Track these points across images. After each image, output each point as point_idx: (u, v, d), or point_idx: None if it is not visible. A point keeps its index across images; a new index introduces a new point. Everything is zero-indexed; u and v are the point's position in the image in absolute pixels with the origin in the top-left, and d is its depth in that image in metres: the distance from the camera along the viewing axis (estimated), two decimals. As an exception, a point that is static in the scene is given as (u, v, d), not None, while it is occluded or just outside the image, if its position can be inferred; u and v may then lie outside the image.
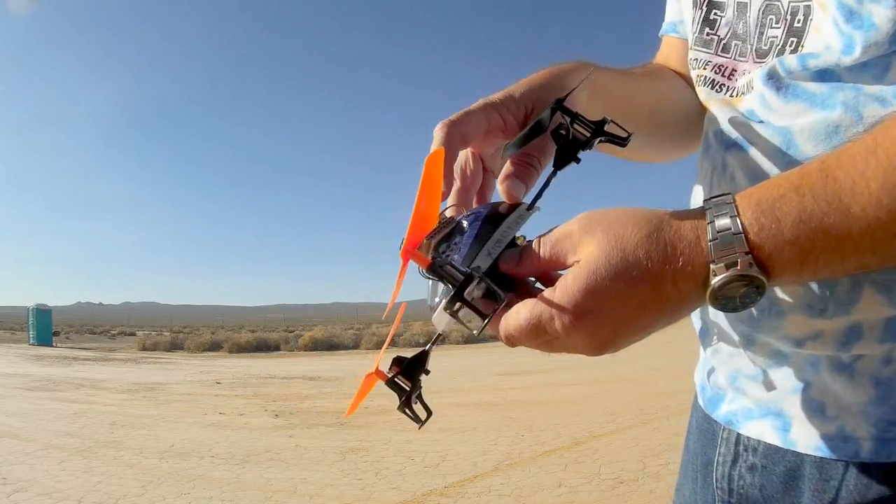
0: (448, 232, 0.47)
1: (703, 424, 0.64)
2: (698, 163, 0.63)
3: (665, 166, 0.78)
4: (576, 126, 0.46)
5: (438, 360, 13.26)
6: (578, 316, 0.39)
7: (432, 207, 0.45)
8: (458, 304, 0.42)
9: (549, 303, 0.40)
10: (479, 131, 0.51)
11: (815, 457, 0.50)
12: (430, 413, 0.46)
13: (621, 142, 0.47)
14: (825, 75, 0.47)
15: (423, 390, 0.46)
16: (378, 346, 18.08)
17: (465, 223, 0.47)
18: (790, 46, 0.50)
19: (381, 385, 0.46)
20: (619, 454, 4.24)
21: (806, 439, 0.50)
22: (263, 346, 18.33)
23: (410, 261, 0.45)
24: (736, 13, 0.56)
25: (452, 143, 0.49)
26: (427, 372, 0.46)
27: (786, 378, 0.52)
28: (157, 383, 9.38)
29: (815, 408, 0.50)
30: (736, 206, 0.38)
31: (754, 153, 0.51)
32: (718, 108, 0.56)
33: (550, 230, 0.44)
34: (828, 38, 0.46)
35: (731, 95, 0.55)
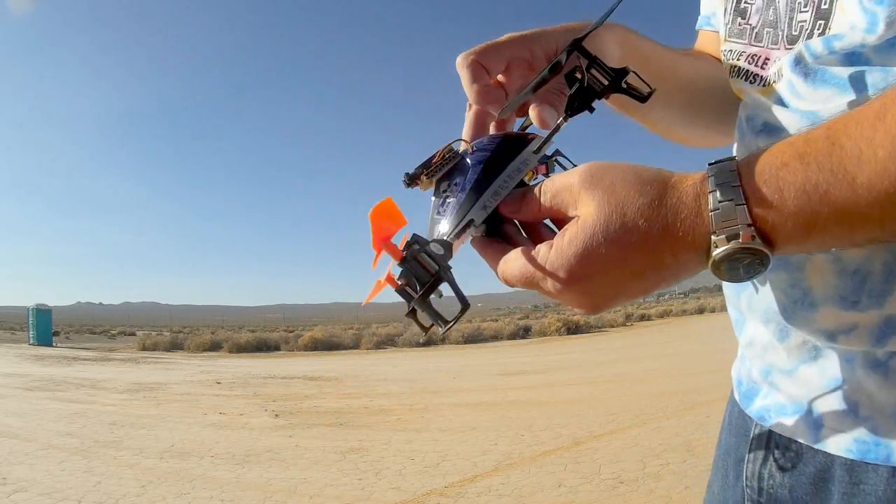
0: (450, 168, 0.46)
1: (737, 420, 0.62)
2: (735, 151, 0.62)
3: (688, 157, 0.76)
4: (593, 71, 0.43)
5: (438, 360, 13.29)
6: (571, 280, 0.39)
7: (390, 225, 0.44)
8: (416, 309, 0.41)
9: (544, 262, 0.40)
10: (502, 63, 0.50)
11: (845, 459, 0.48)
12: (464, 308, 0.41)
13: (641, 97, 0.44)
14: (852, 58, 0.46)
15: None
16: (378, 346, 18.08)
17: (468, 161, 0.46)
18: (818, 30, 0.49)
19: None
20: (619, 454, 4.24)
21: (837, 440, 0.49)
22: (263, 346, 18.32)
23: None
24: (765, 0, 0.55)
25: (478, 75, 0.49)
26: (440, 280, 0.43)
27: (819, 374, 0.51)
28: (157, 383, 9.37)
29: (847, 407, 0.49)
30: (738, 174, 0.37)
31: (782, 139, 0.50)
32: (750, 97, 0.56)
33: (552, 178, 0.43)
34: (852, 18, 0.45)
35: (763, 85, 0.54)
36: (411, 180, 0.46)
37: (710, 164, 0.39)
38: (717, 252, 0.36)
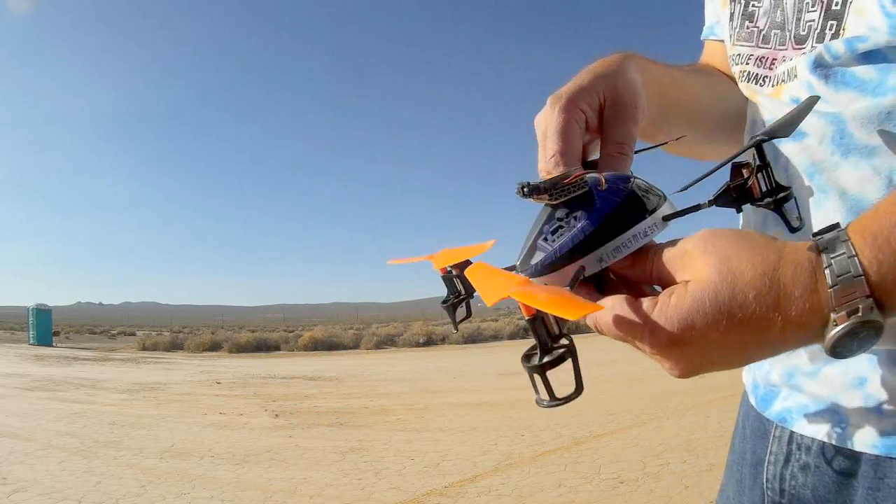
0: (575, 197, 0.42)
1: (753, 423, 0.63)
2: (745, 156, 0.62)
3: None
4: (759, 175, 0.42)
5: (438, 359, 13.29)
6: (669, 344, 0.37)
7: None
8: (534, 373, 0.39)
9: (645, 320, 0.38)
10: (593, 115, 0.48)
11: (870, 455, 0.49)
12: (577, 393, 0.40)
13: (790, 227, 0.43)
14: (873, 57, 0.46)
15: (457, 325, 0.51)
16: (378, 346, 18.08)
17: (596, 198, 0.42)
18: (830, 30, 0.49)
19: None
20: (619, 454, 4.24)
21: (863, 437, 0.50)
22: (263, 346, 18.32)
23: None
24: (773, 2, 0.55)
25: (571, 126, 0.46)
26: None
27: (843, 374, 0.51)
28: (157, 383, 9.37)
29: (872, 404, 0.49)
30: (852, 244, 0.35)
31: (807, 143, 0.50)
32: (764, 101, 0.56)
33: (669, 241, 0.42)
34: (872, 20, 0.45)
35: (773, 86, 0.55)
36: (531, 193, 0.42)
37: (815, 235, 0.37)
38: (837, 330, 0.34)
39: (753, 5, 0.58)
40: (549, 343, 0.38)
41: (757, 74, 0.57)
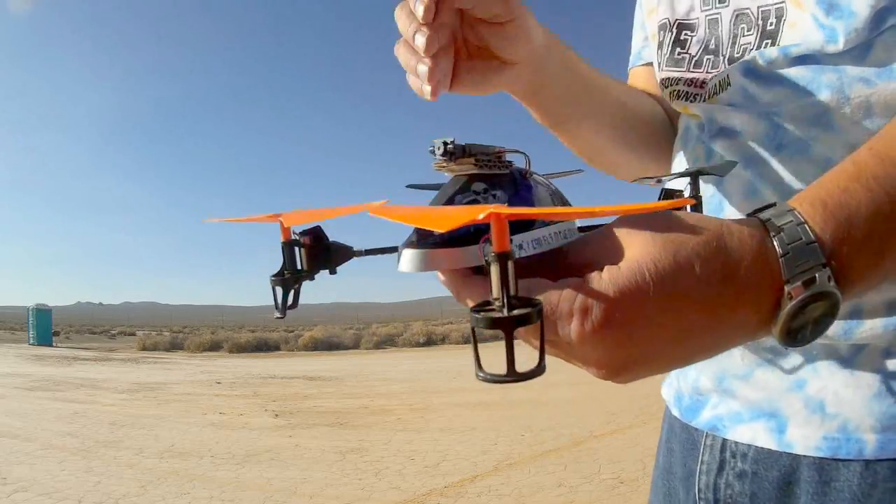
0: (496, 175, 0.37)
1: (680, 436, 0.61)
2: (674, 159, 0.62)
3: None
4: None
5: (438, 360, 13.30)
6: (604, 322, 0.29)
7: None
8: (490, 329, 0.28)
9: (571, 298, 0.29)
10: None
11: (814, 458, 0.48)
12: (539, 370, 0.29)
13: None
14: (807, 59, 0.47)
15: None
16: (378, 346, 18.08)
17: (518, 183, 0.37)
18: (765, 46, 0.49)
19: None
20: (619, 454, 4.24)
21: (805, 440, 0.48)
22: (263, 346, 18.31)
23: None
24: (708, 30, 0.55)
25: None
26: None
27: (779, 376, 0.50)
28: (157, 383, 9.37)
29: (813, 406, 0.48)
30: (799, 213, 0.32)
31: (742, 140, 0.51)
32: (696, 107, 0.56)
33: (592, 230, 0.36)
34: (807, 33, 0.46)
35: (705, 99, 0.55)
36: (454, 154, 0.35)
37: (755, 211, 0.34)
38: (792, 304, 0.30)
39: (686, 34, 0.58)
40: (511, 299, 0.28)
41: (688, 93, 0.57)
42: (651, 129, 0.67)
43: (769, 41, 0.49)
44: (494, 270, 0.27)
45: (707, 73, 0.55)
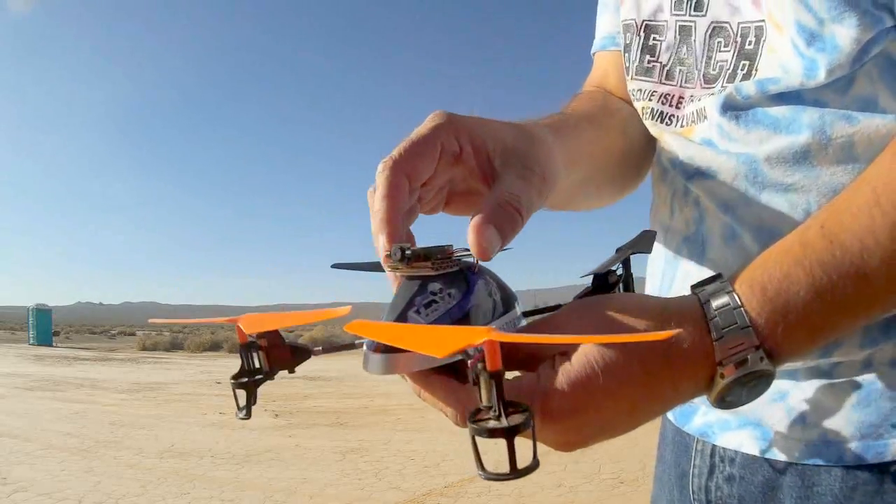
0: (451, 273, 0.39)
1: (675, 436, 0.62)
2: (653, 185, 0.61)
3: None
4: (621, 285, 0.44)
5: (438, 360, 13.24)
6: (561, 414, 0.34)
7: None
8: (494, 438, 0.33)
9: (532, 389, 0.34)
10: (430, 166, 0.40)
11: (795, 464, 0.49)
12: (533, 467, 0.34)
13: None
14: (786, 97, 0.45)
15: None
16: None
17: (469, 280, 0.39)
18: (742, 70, 0.48)
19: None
20: (619, 454, 4.24)
21: (787, 448, 0.49)
22: (263, 346, 18.28)
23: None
24: (678, 36, 0.53)
25: (399, 190, 0.38)
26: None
27: None
28: (157, 383, 9.37)
29: (795, 416, 0.49)
30: (737, 295, 0.35)
31: (719, 182, 0.49)
32: (673, 140, 0.54)
33: (538, 319, 0.40)
34: (786, 61, 0.45)
35: (682, 126, 0.53)
36: (412, 259, 0.36)
37: (695, 287, 0.37)
38: (724, 382, 0.34)
39: (654, 38, 0.55)
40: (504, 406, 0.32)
41: (662, 112, 0.55)
42: (630, 162, 0.64)
43: (747, 62, 0.47)
44: (487, 387, 0.31)
45: (681, 87, 0.53)
